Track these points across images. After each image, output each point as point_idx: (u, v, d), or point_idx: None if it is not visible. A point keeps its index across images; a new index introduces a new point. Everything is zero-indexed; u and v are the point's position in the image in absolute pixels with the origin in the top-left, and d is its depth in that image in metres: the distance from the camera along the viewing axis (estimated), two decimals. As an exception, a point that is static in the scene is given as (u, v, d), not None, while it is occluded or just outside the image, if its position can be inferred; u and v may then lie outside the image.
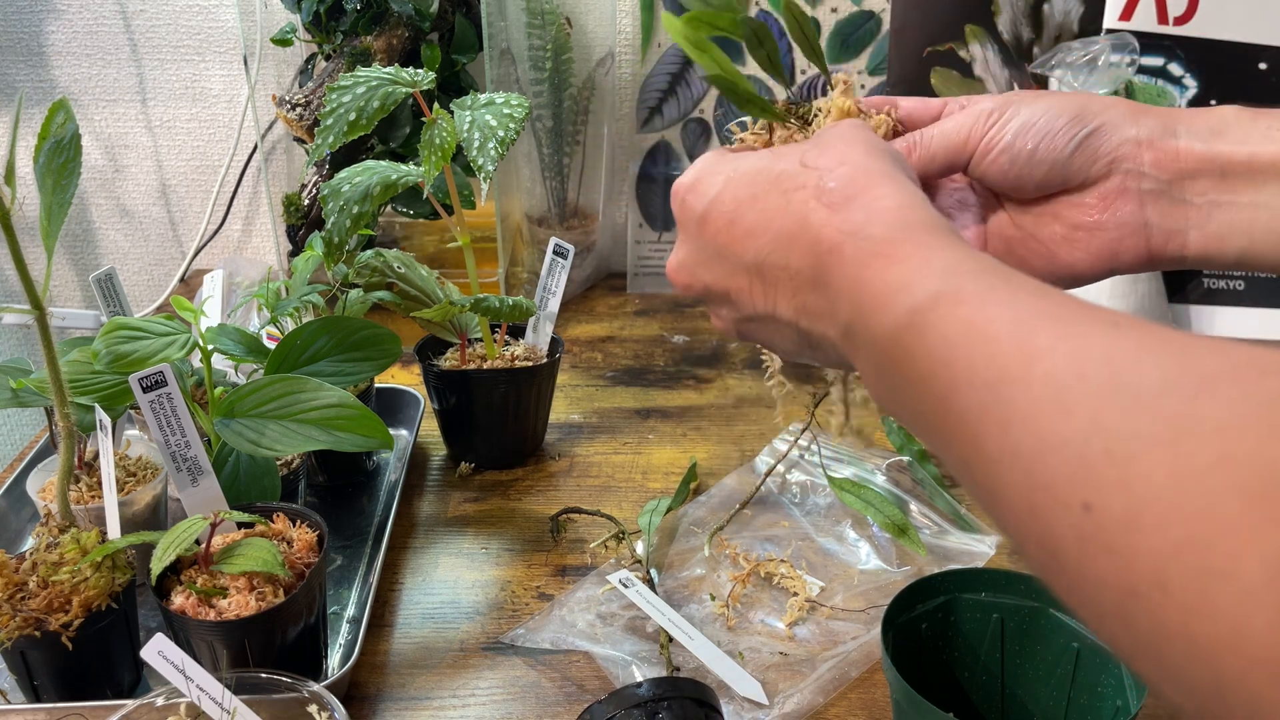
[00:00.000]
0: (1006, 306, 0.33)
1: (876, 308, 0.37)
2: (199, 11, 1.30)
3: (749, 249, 0.45)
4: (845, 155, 0.44)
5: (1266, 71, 1.17)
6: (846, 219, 0.41)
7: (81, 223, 1.40)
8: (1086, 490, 0.26)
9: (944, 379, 0.33)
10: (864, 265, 0.39)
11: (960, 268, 0.36)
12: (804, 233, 0.42)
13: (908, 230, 0.39)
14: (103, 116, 1.35)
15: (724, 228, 0.46)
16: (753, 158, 0.47)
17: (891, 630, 0.57)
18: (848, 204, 0.41)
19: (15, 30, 1.30)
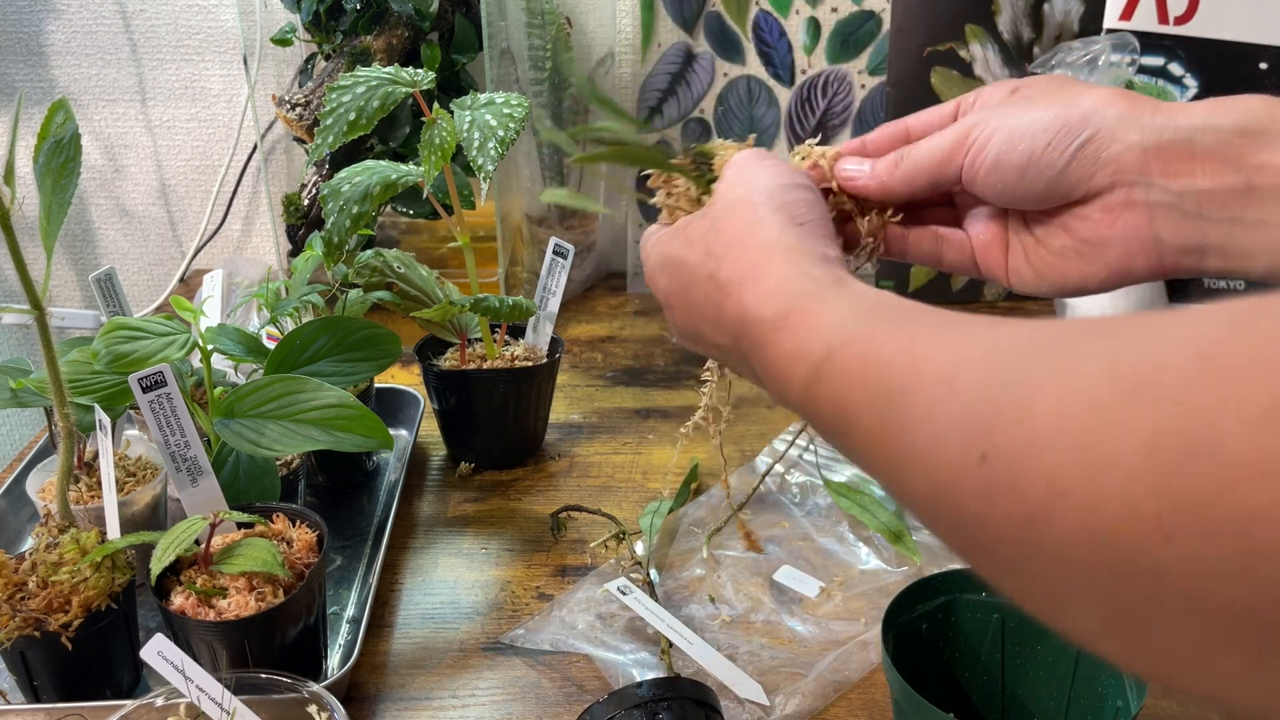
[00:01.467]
0: (894, 334, 0.35)
1: (787, 379, 0.40)
2: (199, 11, 1.30)
3: (701, 333, 0.49)
4: (736, 234, 0.46)
5: (1267, 71, 1.17)
6: (742, 304, 0.43)
7: (81, 223, 1.40)
8: (981, 442, 0.28)
9: (850, 414, 0.35)
10: (766, 345, 0.41)
11: (849, 318, 0.38)
12: (722, 321, 0.46)
13: (794, 300, 0.41)
14: (102, 116, 1.35)
15: (680, 318, 0.51)
16: (674, 245, 0.50)
17: (892, 631, 0.57)
18: (741, 289, 0.44)
19: (15, 30, 1.30)
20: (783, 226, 0.45)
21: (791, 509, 0.85)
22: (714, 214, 0.48)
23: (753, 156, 0.50)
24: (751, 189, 0.47)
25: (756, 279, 0.43)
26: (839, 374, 0.36)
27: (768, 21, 1.25)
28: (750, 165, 0.49)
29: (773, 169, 0.48)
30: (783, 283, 0.42)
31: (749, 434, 0.97)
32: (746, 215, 0.46)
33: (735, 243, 0.46)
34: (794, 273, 0.42)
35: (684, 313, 0.50)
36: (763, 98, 1.27)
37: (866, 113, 1.28)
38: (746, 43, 1.26)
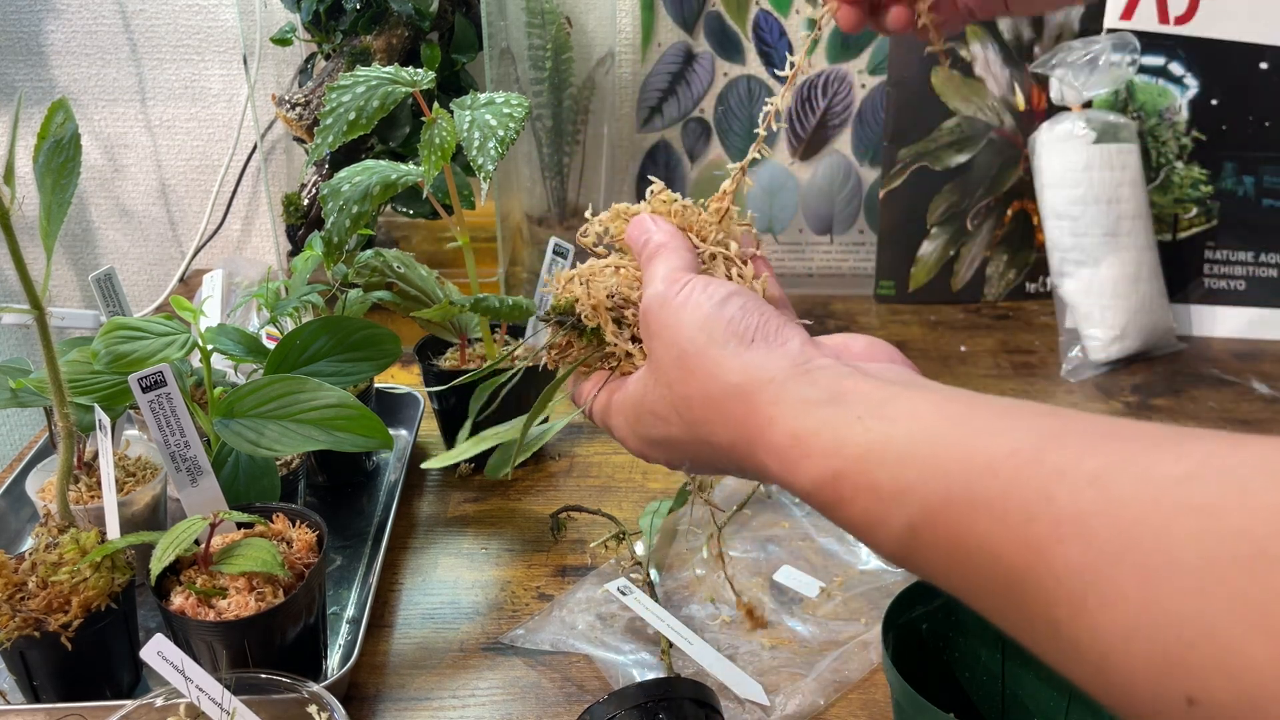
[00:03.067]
0: (983, 509, 0.33)
1: (875, 542, 0.38)
2: (198, 11, 1.30)
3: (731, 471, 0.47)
4: (704, 395, 0.44)
5: (1267, 71, 1.17)
6: (765, 469, 0.42)
7: (81, 222, 1.40)
8: (1184, 684, 0.25)
9: (972, 593, 0.34)
10: (829, 510, 0.39)
11: (909, 473, 0.36)
12: (750, 473, 0.44)
13: (827, 460, 0.39)
14: (102, 116, 1.35)
15: (698, 469, 0.49)
16: (646, 425, 0.48)
17: (892, 631, 0.57)
18: (753, 450, 0.42)
19: (15, 30, 1.30)
20: (743, 361, 0.43)
21: (791, 509, 0.85)
22: (667, 380, 0.46)
23: (655, 305, 0.47)
24: (684, 337, 0.45)
25: (763, 435, 0.41)
26: (939, 548, 0.34)
27: (768, 21, 1.25)
28: (664, 312, 0.47)
29: (686, 304, 0.46)
30: (795, 438, 0.39)
31: (749, 434, 0.97)
32: (699, 368, 0.44)
33: (710, 403, 0.44)
34: (794, 414, 0.40)
35: (702, 468, 0.49)
36: (763, 97, 1.27)
37: (867, 113, 1.28)
38: (746, 42, 1.26)
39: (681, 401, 0.45)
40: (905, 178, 1.24)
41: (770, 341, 0.43)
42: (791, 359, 0.42)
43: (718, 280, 0.47)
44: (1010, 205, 1.27)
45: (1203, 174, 1.20)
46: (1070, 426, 0.32)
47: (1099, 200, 1.11)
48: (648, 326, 0.48)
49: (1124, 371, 1.12)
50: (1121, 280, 1.11)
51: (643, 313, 0.48)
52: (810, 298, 1.29)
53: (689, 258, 0.49)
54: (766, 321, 0.44)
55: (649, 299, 0.48)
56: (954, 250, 1.27)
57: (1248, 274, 1.21)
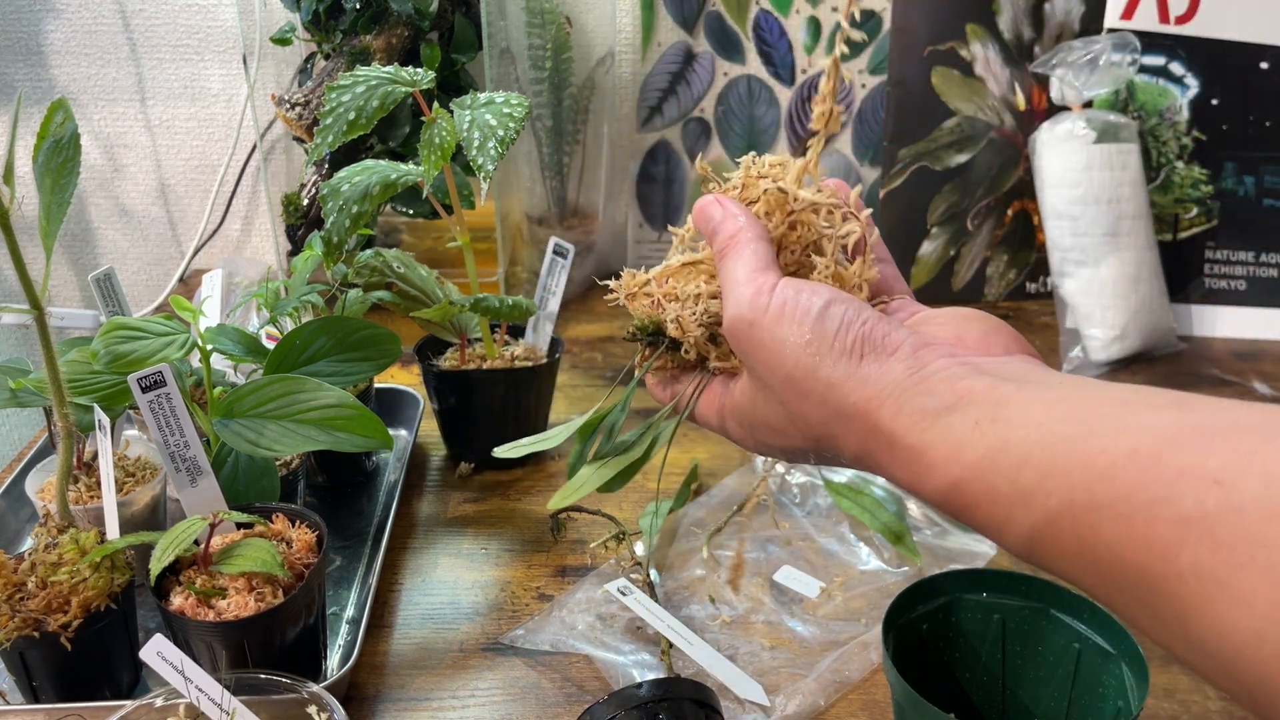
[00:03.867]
0: (1109, 511, 0.33)
1: (1000, 537, 0.38)
2: (198, 11, 1.30)
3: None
4: (821, 415, 0.43)
5: (1267, 71, 1.16)
6: (891, 474, 0.41)
7: (80, 222, 1.40)
8: None
9: (1100, 591, 0.34)
10: (957, 512, 0.39)
11: (1029, 478, 0.35)
12: (879, 472, 0.43)
13: (947, 469, 0.38)
14: (102, 116, 1.35)
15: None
16: (765, 434, 0.46)
17: (892, 631, 0.57)
18: (876, 463, 0.42)
19: (14, 30, 1.30)
20: (859, 379, 0.41)
21: (792, 509, 0.85)
22: (779, 398, 0.44)
23: (743, 325, 0.44)
24: (789, 360, 0.43)
25: (889, 450, 0.40)
26: (1065, 551, 0.34)
27: (768, 21, 1.25)
28: (757, 332, 0.44)
29: (780, 321, 0.43)
30: (918, 451, 0.39)
31: (749, 434, 0.97)
32: (812, 390, 0.42)
33: (830, 422, 0.42)
34: (915, 427, 0.39)
35: (831, 465, 0.47)
36: (763, 97, 1.27)
37: (867, 113, 1.28)
38: (747, 42, 1.26)
39: (799, 419, 0.44)
40: (905, 178, 1.24)
41: (880, 352, 0.41)
42: (906, 367, 0.40)
43: (807, 285, 0.44)
44: (1010, 205, 1.27)
45: (1203, 174, 1.20)
46: (1187, 420, 0.32)
47: (1099, 200, 1.11)
48: (739, 345, 0.45)
49: (1124, 371, 1.12)
50: (1122, 280, 1.11)
51: (729, 329, 0.45)
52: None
53: (764, 251, 0.46)
54: (871, 330, 0.42)
55: (734, 315, 0.45)
56: (954, 250, 1.27)
57: (1248, 274, 1.21)
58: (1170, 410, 0.33)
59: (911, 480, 0.40)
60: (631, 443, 0.53)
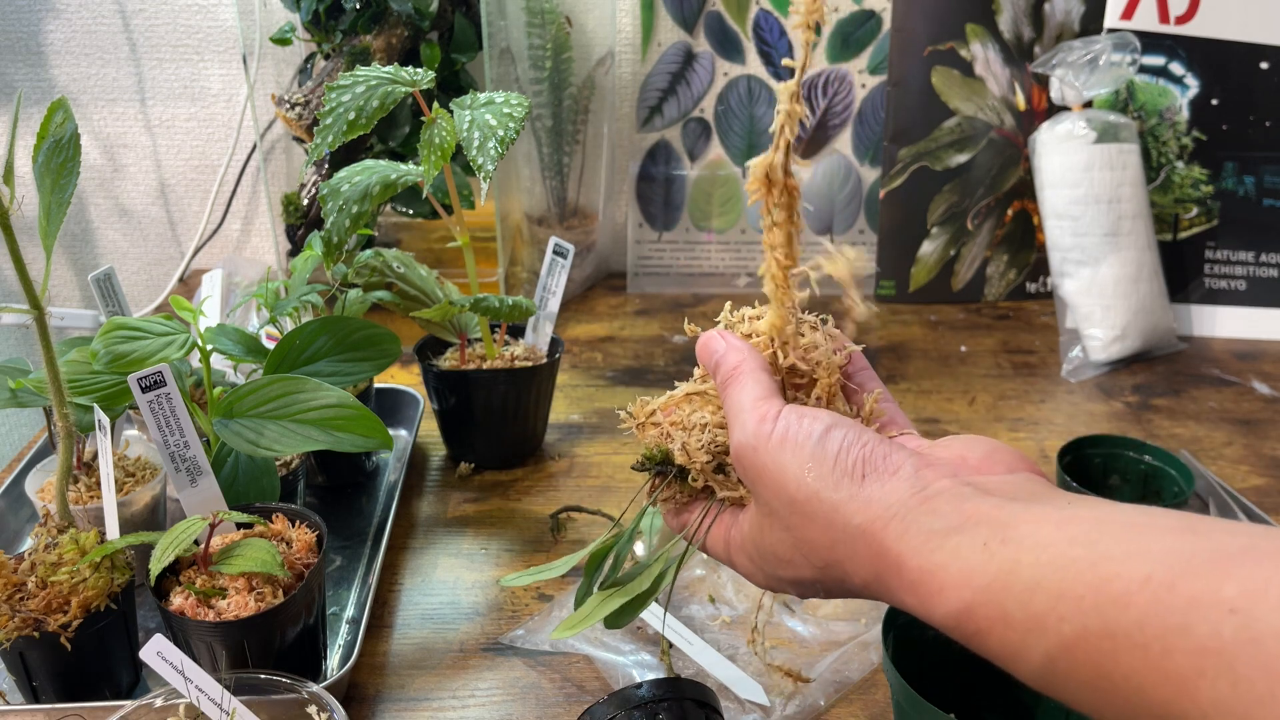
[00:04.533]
0: (1109, 641, 0.33)
1: (1015, 667, 0.37)
2: (198, 11, 1.30)
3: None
4: (827, 539, 0.42)
5: (1267, 71, 1.16)
6: (902, 602, 0.40)
7: (80, 222, 1.40)
8: None
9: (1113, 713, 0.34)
10: (970, 639, 0.38)
11: (1041, 613, 0.35)
12: (891, 603, 0.42)
13: (958, 593, 0.37)
14: (101, 116, 1.35)
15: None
16: (772, 565, 0.46)
17: (892, 631, 0.57)
18: (885, 589, 0.41)
19: (14, 30, 1.30)
20: (861, 501, 0.41)
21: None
22: (784, 524, 0.44)
23: (748, 451, 0.45)
24: (791, 483, 0.43)
25: (896, 573, 0.39)
26: (1081, 680, 0.33)
27: (768, 21, 1.25)
28: (761, 457, 0.44)
29: (784, 446, 0.44)
30: (926, 573, 0.38)
31: (749, 434, 0.97)
32: (816, 513, 0.42)
33: (835, 547, 0.42)
34: (922, 549, 0.38)
35: (839, 597, 0.46)
36: (763, 97, 1.27)
37: (867, 112, 1.28)
38: (746, 42, 1.26)
39: (805, 545, 0.43)
40: (905, 178, 1.24)
41: (882, 472, 0.41)
42: (909, 487, 0.40)
43: (808, 411, 0.44)
44: (1010, 205, 1.27)
45: (1203, 174, 1.20)
46: (1201, 545, 0.32)
47: (1099, 200, 1.11)
48: (745, 471, 0.45)
49: (1124, 371, 1.12)
50: (1122, 280, 1.11)
51: (736, 457, 0.46)
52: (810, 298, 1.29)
53: (766, 380, 0.47)
54: (872, 451, 0.42)
55: (739, 443, 0.45)
56: (954, 250, 1.27)
57: (1248, 274, 1.21)
58: (1183, 534, 0.33)
59: (921, 604, 0.39)
60: (638, 573, 0.53)
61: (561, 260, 0.90)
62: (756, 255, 1.30)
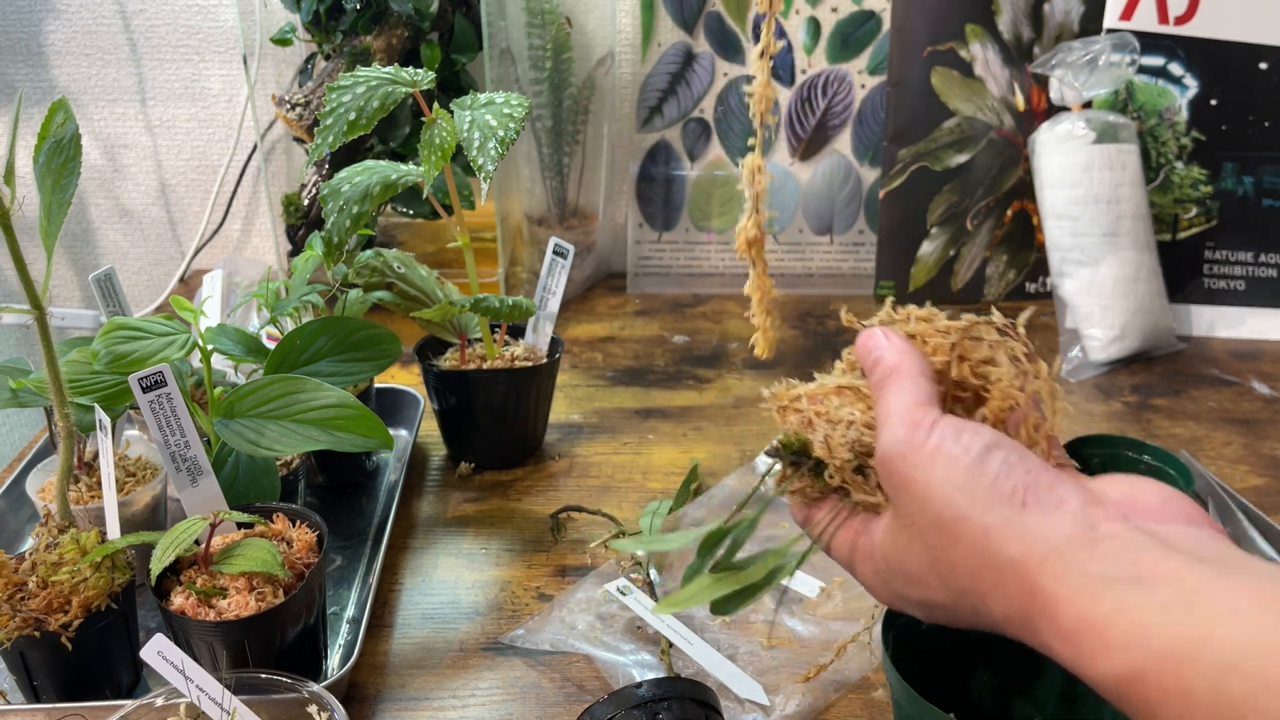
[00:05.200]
0: None
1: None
2: (198, 11, 1.30)
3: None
4: (971, 566, 0.38)
5: (1267, 71, 1.17)
6: (1050, 649, 0.37)
7: (81, 223, 1.40)
8: None
9: None
10: (1136, 711, 0.35)
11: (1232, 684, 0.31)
12: (1029, 638, 0.39)
13: (1127, 654, 0.34)
14: (102, 116, 1.35)
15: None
16: (901, 584, 0.43)
17: (892, 630, 0.57)
18: (1036, 633, 0.37)
19: (15, 30, 1.30)
20: (1018, 530, 0.37)
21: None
22: (925, 542, 0.41)
23: (895, 457, 0.41)
24: (940, 499, 0.39)
25: (1047, 615, 0.36)
26: None
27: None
28: (909, 467, 0.41)
29: (936, 458, 0.40)
30: (1086, 623, 0.34)
31: (749, 434, 0.97)
32: (964, 535, 0.38)
33: (979, 574, 0.38)
34: (1083, 595, 0.35)
35: (964, 626, 0.42)
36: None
37: (867, 113, 1.28)
38: (746, 42, 1.26)
39: (944, 567, 0.40)
40: (905, 178, 1.24)
41: (1045, 503, 0.37)
42: (1074, 524, 0.36)
43: (969, 425, 0.41)
44: (1010, 205, 1.27)
45: (1202, 174, 1.20)
46: None
47: (1099, 200, 1.11)
48: (889, 478, 0.42)
49: (1124, 371, 1.12)
50: (1121, 280, 1.11)
51: (881, 461, 0.42)
52: (810, 298, 1.29)
53: (926, 387, 0.43)
54: (1037, 479, 0.38)
55: (887, 447, 0.42)
56: (954, 250, 1.27)
57: (1247, 274, 1.21)
58: None
59: (1074, 656, 0.35)
60: (752, 562, 0.50)
61: (561, 260, 0.90)
62: (756, 255, 1.30)
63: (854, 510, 0.46)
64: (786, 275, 1.32)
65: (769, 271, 0.54)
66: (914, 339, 0.47)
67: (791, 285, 1.32)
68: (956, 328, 0.46)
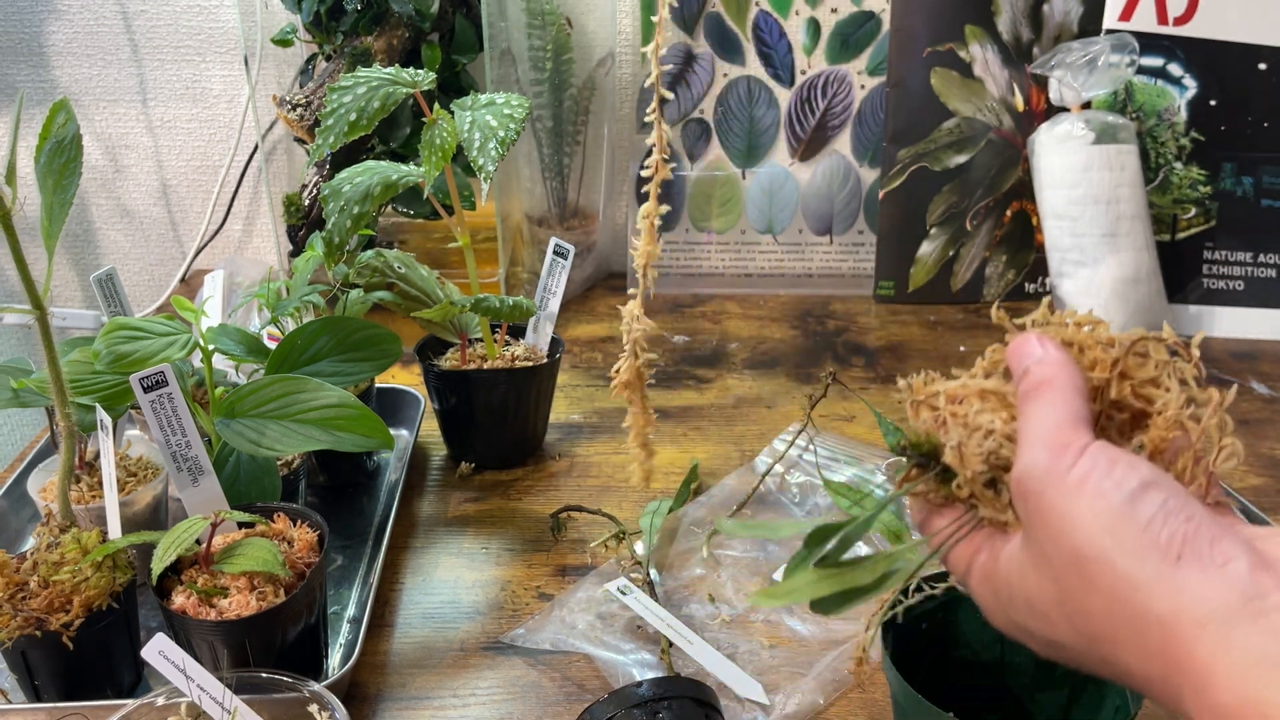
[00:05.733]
0: None
1: None
2: (199, 12, 1.30)
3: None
4: (1109, 615, 0.35)
5: (1266, 71, 1.17)
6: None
7: (82, 223, 1.40)
8: None
9: None
10: None
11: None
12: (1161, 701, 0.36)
13: (1179, 694, 0.33)
14: (103, 117, 1.35)
15: None
16: (1022, 615, 0.39)
17: (892, 631, 0.57)
18: (1180, 699, 0.34)
19: (16, 30, 1.30)
20: (1171, 586, 0.33)
21: (792, 509, 0.85)
22: (1056, 580, 0.37)
23: (1034, 482, 0.37)
24: (1082, 537, 0.35)
25: (1198, 688, 0.33)
26: None
27: (767, 22, 1.25)
28: (1050, 495, 0.37)
29: (1082, 490, 0.36)
30: (1251, 705, 0.31)
31: (749, 434, 0.97)
32: (1104, 581, 0.35)
33: (1118, 625, 0.35)
34: (1247, 674, 0.31)
35: (1087, 670, 0.39)
36: (763, 98, 1.27)
37: (866, 113, 1.28)
38: (746, 43, 1.26)
39: (1078, 612, 0.36)
40: (905, 178, 1.24)
41: (1205, 560, 0.33)
42: (1240, 590, 0.33)
43: (1124, 455, 0.36)
44: (1010, 205, 1.27)
45: (1201, 174, 1.20)
46: None
47: (1098, 201, 1.11)
48: (1025, 502, 0.38)
49: (1123, 372, 1.12)
50: (1120, 281, 1.12)
51: (1017, 482, 0.38)
52: (810, 298, 1.29)
53: (1079, 406, 0.39)
54: (1198, 530, 0.34)
55: (1027, 468, 0.38)
56: (953, 250, 1.27)
57: (1246, 274, 1.21)
58: None
59: None
60: (861, 563, 0.46)
61: (562, 260, 0.90)
62: (756, 255, 1.30)
63: (979, 525, 0.42)
64: (786, 275, 1.32)
65: (768, 272, 0.55)
66: (1070, 347, 0.42)
67: (791, 285, 1.32)
68: (1122, 340, 0.42)
